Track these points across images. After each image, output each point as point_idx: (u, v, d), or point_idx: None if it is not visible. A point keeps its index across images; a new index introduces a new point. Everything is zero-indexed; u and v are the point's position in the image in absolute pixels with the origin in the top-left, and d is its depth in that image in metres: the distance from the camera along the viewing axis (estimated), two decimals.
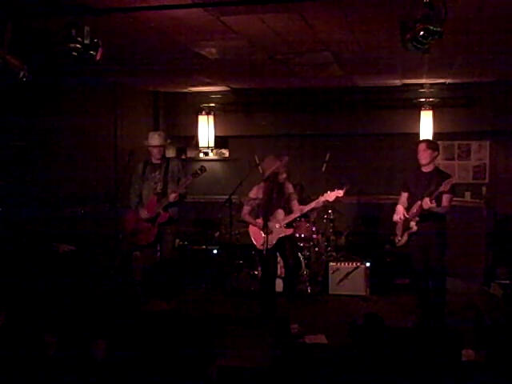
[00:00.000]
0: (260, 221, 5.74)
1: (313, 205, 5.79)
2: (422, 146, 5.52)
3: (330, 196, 5.65)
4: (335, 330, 5.28)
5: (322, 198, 5.70)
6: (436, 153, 5.61)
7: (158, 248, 6.13)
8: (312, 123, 8.26)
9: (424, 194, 5.30)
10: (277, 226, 5.74)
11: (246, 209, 5.94)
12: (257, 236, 5.85)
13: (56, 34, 3.84)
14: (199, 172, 5.83)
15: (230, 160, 8.78)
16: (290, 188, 5.89)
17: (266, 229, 5.58)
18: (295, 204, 5.83)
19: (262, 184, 5.86)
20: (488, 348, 3.93)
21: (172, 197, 5.77)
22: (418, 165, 5.60)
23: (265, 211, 5.71)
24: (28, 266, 5.13)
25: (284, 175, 5.77)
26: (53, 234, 5.76)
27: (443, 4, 3.33)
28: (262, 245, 5.69)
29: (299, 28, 4.46)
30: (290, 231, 5.82)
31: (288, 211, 5.78)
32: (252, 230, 5.96)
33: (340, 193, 5.63)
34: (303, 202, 6.19)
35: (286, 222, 5.76)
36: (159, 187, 5.92)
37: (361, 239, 7.85)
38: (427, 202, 5.22)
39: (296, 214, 5.80)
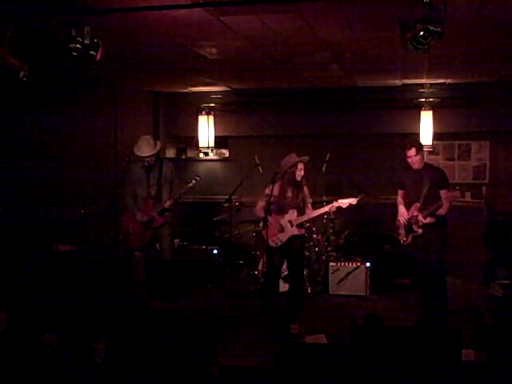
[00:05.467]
0: (272, 218, 5.77)
1: (326, 209, 5.84)
2: (411, 152, 5.45)
3: (344, 203, 5.69)
4: (335, 330, 5.28)
5: (335, 204, 5.72)
6: (423, 151, 5.63)
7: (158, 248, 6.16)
8: (312, 123, 8.26)
9: (418, 194, 5.31)
10: (289, 225, 5.76)
11: (260, 204, 5.92)
12: (269, 232, 5.86)
13: (56, 34, 3.84)
14: (193, 182, 5.90)
15: (230, 160, 8.78)
16: (306, 191, 5.91)
17: (266, 223, 5.61)
18: (309, 208, 5.85)
19: (279, 182, 5.85)
20: (488, 348, 3.93)
21: (167, 204, 5.83)
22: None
23: (279, 207, 5.74)
24: (28, 266, 5.13)
25: (302, 173, 5.76)
26: (53, 234, 5.76)
27: (443, 4, 3.33)
28: (273, 241, 5.76)
29: (299, 28, 4.46)
30: (302, 231, 5.85)
31: (302, 213, 5.81)
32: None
33: (354, 201, 5.67)
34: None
35: (298, 222, 5.79)
36: (153, 191, 5.93)
37: (361, 239, 7.86)
38: (428, 219, 5.28)
39: (307, 217, 5.83)
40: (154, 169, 5.97)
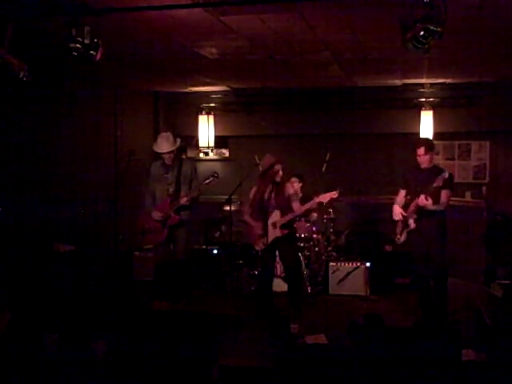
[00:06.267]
0: (259, 223, 5.74)
1: (307, 206, 5.78)
2: (421, 151, 5.45)
3: (325, 197, 5.62)
4: (335, 330, 5.27)
5: (316, 200, 5.67)
6: (433, 152, 5.61)
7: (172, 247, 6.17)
8: (312, 123, 8.26)
9: (420, 191, 5.30)
10: (271, 227, 5.72)
11: (246, 210, 5.93)
12: (252, 237, 5.87)
13: (56, 34, 3.85)
14: (211, 178, 5.87)
15: (230, 160, 8.78)
16: (290, 189, 5.86)
17: (265, 227, 5.57)
18: (296, 205, 5.79)
19: (259, 185, 5.82)
20: (488, 348, 3.93)
21: (183, 200, 5.79)
22: (417, 164, 5.61)
23: (261, 210, 5.68)
24: (28, 266, 5.14)
25: (280, 173, 5.73)
26: (53, 234, 5.76)
27: (443, 4, 3.33)
28: (258, 245, 5.74)
29: (299, 28, 4.46)
30: (284, 232, 5.79)
31: (286, 213, 5.73)
32: (248, 230, 5.97)
33: (334, 194, 5.60)
34: (304, 198, 6.20)
35: (281, 223, 5.73)
36: (172, 189, 5.92)
37: (361, 239, 7.85)
38: (423, 199, 5.23)
39: (290, 216, 5.77)
40: (174, 167, 5.98)
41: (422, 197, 5.23)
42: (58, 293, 5.23)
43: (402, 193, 5.71)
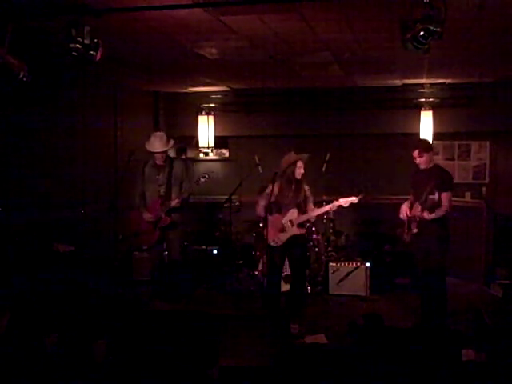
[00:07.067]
0: (273, 218, 5.76)
1: (326, 208, 5.78)
2: (415, 154, 5.46)
3: (346, 201, 5.65)
4: (335, 329, 5.28)
5: (336, 203, 5.68)
6: (431, 152, 5.58)
7: (165, 247, 6.16)
8: (312, 123, 8.26)
9: (420, 203, 5.30)
10: (290, 225, 5.74)
11: (261, 203, 5.82)
12: (270, 231, 5.85)
13: (56, 34, 3.85)
14: (202, 180, 5.87)
15: (230, 160, 8.78)
16: (307, 190, 5.88)
17: (266, 223, 5.58)
18: (311, 206, 5.81)
19: (279, 181, 5.80)
20: (488, 348, 3.93)
21: (174, 203, 5.79)
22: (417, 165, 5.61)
23: (279, 206, 5.70)
24: (28, 266, 5.13)
25: (301, 171, 5.72)
26: (53, 234, 5.76)
27: (443, 4, 3.33)
28: (274, 240, 5.72)
29: (299, 28, 4.47)
30: (302, 231, 5.81)
31: (303, 212, 5.76)
32: (264, 227, 5.95)
33: (355, 199, 5.62)
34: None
35: (299, 221, 5.74)
36: (163, 190, 5.91)
37: (361, 239, 7.85)
38: (424, 215, 5.25)
39: (308, 216, 5.78)
40: (165, 168, 5.96)
41: (426, 214, 5.25)
42: (58, 293, 5.23)
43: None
